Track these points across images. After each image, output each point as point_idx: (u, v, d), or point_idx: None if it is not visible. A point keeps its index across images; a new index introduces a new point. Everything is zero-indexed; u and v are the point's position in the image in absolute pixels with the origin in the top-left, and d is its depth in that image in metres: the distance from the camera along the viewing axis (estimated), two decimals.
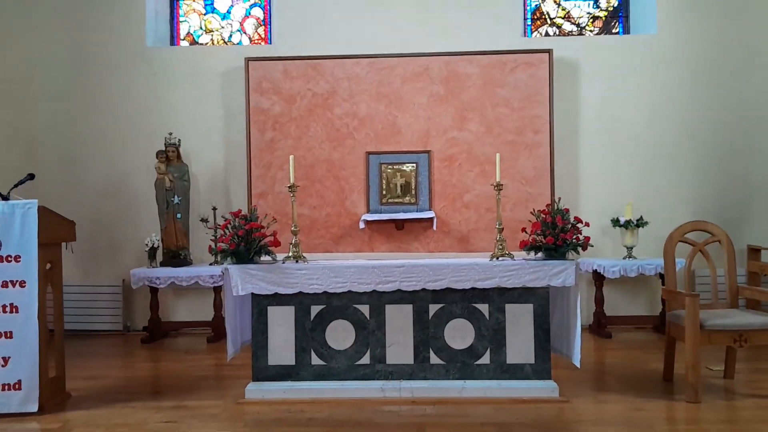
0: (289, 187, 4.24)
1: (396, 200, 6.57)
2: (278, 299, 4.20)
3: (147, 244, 6.27)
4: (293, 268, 4.14)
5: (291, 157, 4.29)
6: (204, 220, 6.36)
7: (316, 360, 4.25)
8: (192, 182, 6.60)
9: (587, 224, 4.24)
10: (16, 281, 3.97)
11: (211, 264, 6.36)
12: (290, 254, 4.20)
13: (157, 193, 6.41)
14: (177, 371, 5.13)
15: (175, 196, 6.36)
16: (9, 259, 3.97)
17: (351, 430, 3.64)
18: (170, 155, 6.39)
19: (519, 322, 4.17)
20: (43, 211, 4.03)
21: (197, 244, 6.62)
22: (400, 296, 4.20)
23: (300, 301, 4.21)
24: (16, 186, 4.24)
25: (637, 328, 6.56)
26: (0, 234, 3.95)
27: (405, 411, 3.94)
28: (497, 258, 4.21)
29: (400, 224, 6.51)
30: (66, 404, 4.21)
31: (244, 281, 4.07)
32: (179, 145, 6.46)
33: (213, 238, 5.92)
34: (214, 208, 6.40)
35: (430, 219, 6.43)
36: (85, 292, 6.65)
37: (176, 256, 6.29)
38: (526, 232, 4.24)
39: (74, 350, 5.47)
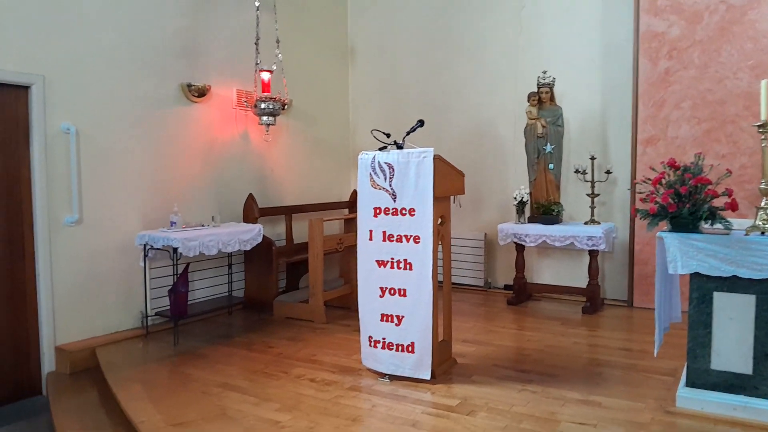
0: (759, 125, 2.95)
1: None
2: (730, 284, 3.03)
3: (515, 198, 5.65)
4: (761, 242, 2.91)
5: (763, 82, 2.96)
6: (580, 172, 5.45)
7: None
8: (564, 128, 5.69)
9: None
10: (411, 236, 3.64)
11: (586, 223, 5.44)
12: (757, 222, 2.96)
13: (527, 140, 5.68)
14: (560, 346, 4.40)
15: (548, 144, 5.55)
16: (404, 212, 3.65)
17: None
18: (543, 97, 5.57)
19: None
20: (436, 161, 3.59)
21: (568, 198, 5.78)
22: None
23: (766, 289, 2.97)
24: (408, 134, 3.91)
25: None
26: (396, 185, 3.66)
27: None
28: None
29: None
30: (452, 372, 3.85)
31: (685, 256, 3.00)
32: (553, 84, 5.58)
33: (641, 195, 4.69)
34: (593, 158, 5.43)
35: None
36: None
37: (548, 212, 5.52)
38: None
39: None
